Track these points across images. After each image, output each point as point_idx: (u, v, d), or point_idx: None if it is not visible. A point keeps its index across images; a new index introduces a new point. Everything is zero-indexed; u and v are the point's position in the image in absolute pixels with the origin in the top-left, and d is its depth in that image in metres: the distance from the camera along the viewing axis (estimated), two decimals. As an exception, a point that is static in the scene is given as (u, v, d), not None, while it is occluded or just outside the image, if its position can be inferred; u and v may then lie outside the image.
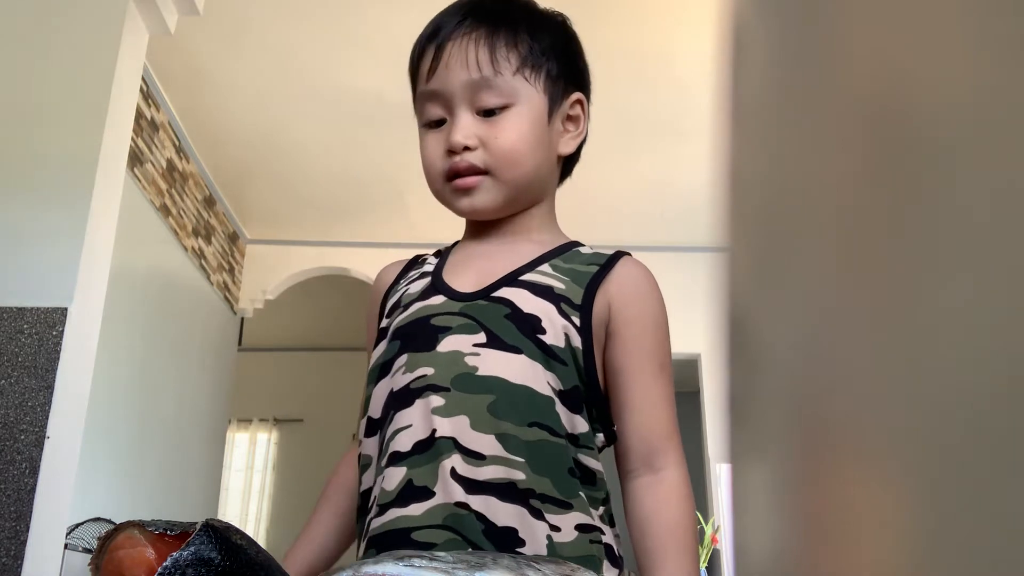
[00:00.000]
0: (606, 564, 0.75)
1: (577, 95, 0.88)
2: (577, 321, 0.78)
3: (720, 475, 4.28)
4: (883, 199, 0.14)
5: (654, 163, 3.81)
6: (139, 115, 3.11)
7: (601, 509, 0.77)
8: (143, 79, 3.03)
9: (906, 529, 0.13)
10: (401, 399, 0.76)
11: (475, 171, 0.82)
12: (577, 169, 0.95)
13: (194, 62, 3.22)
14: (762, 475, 0.18)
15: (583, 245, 0.87)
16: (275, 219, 4.51)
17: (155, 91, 3.34)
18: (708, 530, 4.14)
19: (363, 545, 0.75)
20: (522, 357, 0.75)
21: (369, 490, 0.78)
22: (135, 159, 3.14)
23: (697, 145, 3.54)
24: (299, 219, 4.50)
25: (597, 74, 0.93)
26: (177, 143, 3.62)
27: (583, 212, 4.23)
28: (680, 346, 4.38)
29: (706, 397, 4.40)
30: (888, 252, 0.14)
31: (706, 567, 4.12)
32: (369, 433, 0.80)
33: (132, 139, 2.40)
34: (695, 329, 4.33)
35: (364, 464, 0.80)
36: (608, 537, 0.76)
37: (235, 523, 2.12)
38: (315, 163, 3.93)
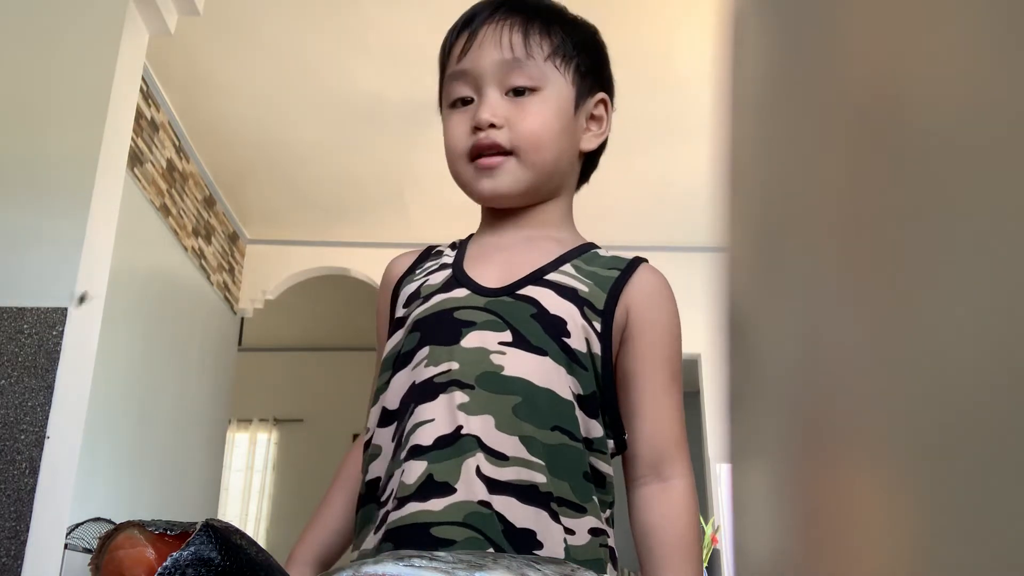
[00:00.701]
0: (609, 567, 0.75)
1: (602, 95, 0.89)
2: (598, 327, 0.78)
3: (720, 475, 4.28)
4: (882, 199, 0.14)
5: (654, 163, 3.81)
6: (139, 115, 3.11)
7: (608, 512, 0.78)
8: (143, 79, 3.03)
9: (906, 529, 0.13)
10: (424, 392, 0.75)
11: (499, 149, 0.82)
12: (577, 168, 0.95)
13: (194, 62, 3.22)
14: (762, 475, 0.18)
15: (599, 247, 0.88)
16: (275, 219, 4.51)
17: (155, 91, 3.34)
18: (708, 530, 4.14)
19: (378, 537, 0.74)
20: (547, 359, 0.75)
21: (376, 480, 0.77)
22: (135, 159, 3.14)
23: (697, 145, 3.54)
24: (299, 219, 4.50)
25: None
26: (177, 143, 3.62)
27: (583, 212, 4.21)
28: (680, 346, 4.40)
29: (706, 397, 4.40)
30: (887, 252, 0.14)
31: (706, 567, 4.12)
32: (383, 423, 0.79)
33: (132, 139, 2.40)
34: (695, 329, 4.32)
35: (373, 454, 0.79)
36: (612, 540, 0.77)
37: (235, 523, 2.12)
38: (315, 163, 3.93)
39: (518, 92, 0.82)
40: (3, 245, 1.82)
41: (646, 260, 0.86)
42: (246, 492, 6.40)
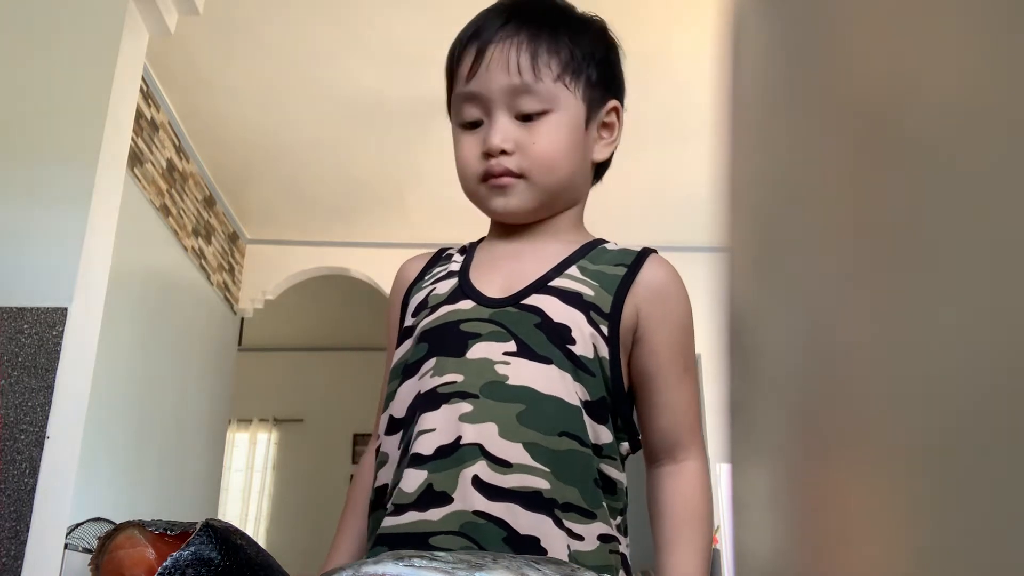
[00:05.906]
0: (621, 573, 0.76)
1: (614, 103, 0.88)
2: (605, 330, 0.78)
3: (720, 475, 4.28)
4: (883, 199, 0.14)
5: (654, 163, 3.81)
6: (139, 115, 3.11)
7: (620, 519, 0.78)
8: (143, 79, 3.03)
9: (906, 530, 0.13)
10: (428, 401, 0.76)
11: (510, 175, 0.82)
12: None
13: (194, 62, 3.21)
14: (762, 475, 0.18)
15: (608, 241, 0.87)
16: (275, 219, 4.51)
17: (155, 91, 3.34)
18: (708, 530, 4.13)
19: (371, 541, 0.75)
20: (552, 367, 0.76)
21: (384, 486, 0.78)
22: (135, 159, 3.14)
23: (697, 145, 3.54)
24: (299, 219, 4.50)
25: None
26: (177, 143, 3.62)
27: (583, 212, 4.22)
28: (680, 346, 4.39)
29: (706, 397, 4.40)
30: (888, 252, 0.14)
31: (706, 567, 4.11)
32: (390, 431, 0.80)
33: (132, 139, 2.40)
34: (695, 329, 4.32)
35: (381, 461, 0.80)
36: (623, 547, 0.77)
37: (235, 523, 2.12)
38: (315, 163, 3.93)
39: (528, 116, 0.82)
40: (3, 245, 1.82)
41: (655, 251, 0.85)
42: (246, 492, 6.40)
